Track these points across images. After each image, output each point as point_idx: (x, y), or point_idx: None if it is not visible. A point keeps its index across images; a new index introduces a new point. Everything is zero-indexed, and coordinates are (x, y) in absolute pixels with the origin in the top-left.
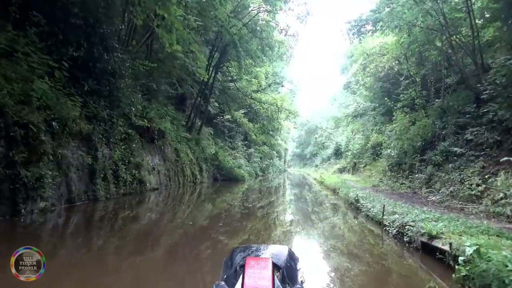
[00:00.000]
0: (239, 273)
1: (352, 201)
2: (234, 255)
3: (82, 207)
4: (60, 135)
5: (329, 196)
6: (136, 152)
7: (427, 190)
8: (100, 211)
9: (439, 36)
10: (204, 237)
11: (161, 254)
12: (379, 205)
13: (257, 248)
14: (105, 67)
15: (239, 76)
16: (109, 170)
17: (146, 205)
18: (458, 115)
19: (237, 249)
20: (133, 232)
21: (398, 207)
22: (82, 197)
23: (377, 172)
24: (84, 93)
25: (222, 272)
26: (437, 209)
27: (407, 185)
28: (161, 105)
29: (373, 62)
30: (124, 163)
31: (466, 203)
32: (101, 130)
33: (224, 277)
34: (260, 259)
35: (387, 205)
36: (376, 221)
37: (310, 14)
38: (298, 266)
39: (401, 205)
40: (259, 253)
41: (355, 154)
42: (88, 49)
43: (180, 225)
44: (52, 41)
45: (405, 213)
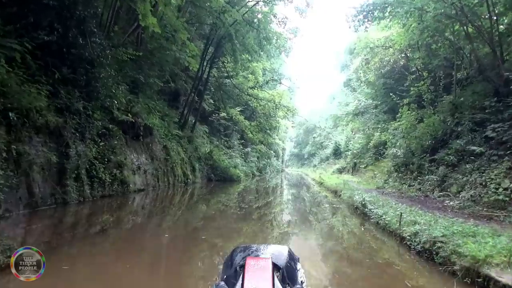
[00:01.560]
0: (239, 273)
1: (357, 206)
2: (234, 255)
3: (47, 212)
4: (20, 128)
5: (330, 198)
6: (117, 149)
7: (442, 193)
8: (67, 217)
9: (451, 26)
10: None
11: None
12: (392, 211)
13: (257, 248)
14: (81, 54)
15: (235, 71)
16: (83, 170)
17: (125, 210)
18: (474, 110)
19: (237, 249)
20: (98, 245)
21: (418, 215)
22: (47, 201)
23: (380, 172)
24: (55, 81)
25: (222, 272)
26: (458, 216)
27: (416, 188)
28: (150, 99)
29: (377, 55)
30: (103, 162)
31: (493, 209)
32: (74, 124)
33: (224, 277)
34: (260, 259)
35: (402, 212)
36: (390, 231)
37: (310, 5)
38: (298, 266)
39: (419, 212)
40: (259, 253)
41: (355, 154)
42: (63, 33)
43: (156, 235)
44: (22, 24)
45: (428, 224)
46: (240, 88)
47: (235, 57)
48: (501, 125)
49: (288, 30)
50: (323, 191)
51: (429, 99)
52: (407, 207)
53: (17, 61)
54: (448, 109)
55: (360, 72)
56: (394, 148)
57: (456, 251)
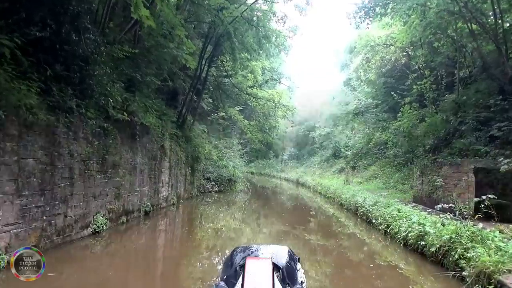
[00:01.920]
0: (239, 273)
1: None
2: (234, 255)
3: None
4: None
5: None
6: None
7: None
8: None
9: (454, 23)
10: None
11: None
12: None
13: (257, 248)
14: (75, 50)
15: (234, 70)
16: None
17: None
18: (478, 109)
19: (237, 249)
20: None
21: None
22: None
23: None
24: (48, 79)
25: (222, 272)
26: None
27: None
28: (147, 98)
29: (378, 54)
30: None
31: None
32: (67, 122)
33: (224, 277)
34: (260, 259)
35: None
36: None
37: (310, 3)
38: (298, 266)
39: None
40: (259, 253)
41: (355, 153)
42: (56, 29)
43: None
44: (14, 20)
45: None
46: (239, 87)
47: (234, 55)
48: (507, 123)
49: (288, 29)
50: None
51: (431, 98)
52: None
53: (6, 57)
54: (451, 108)
55: (360, 71)
56: (395, 147)
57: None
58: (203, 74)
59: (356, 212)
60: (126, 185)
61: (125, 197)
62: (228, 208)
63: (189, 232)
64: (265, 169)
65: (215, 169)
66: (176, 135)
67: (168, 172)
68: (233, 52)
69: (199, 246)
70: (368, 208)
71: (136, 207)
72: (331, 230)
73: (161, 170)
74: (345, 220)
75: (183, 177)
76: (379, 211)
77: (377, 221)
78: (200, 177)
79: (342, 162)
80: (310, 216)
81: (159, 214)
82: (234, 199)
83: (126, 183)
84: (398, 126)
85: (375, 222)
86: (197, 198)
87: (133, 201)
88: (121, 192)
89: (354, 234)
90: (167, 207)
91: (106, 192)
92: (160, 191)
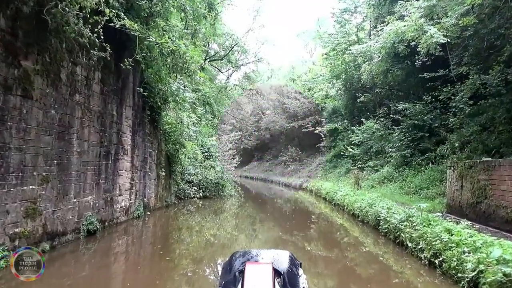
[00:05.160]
0: (238, 279)
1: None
2: (233, 260)
3: None
4: None
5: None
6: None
7: None
8: None
9: None
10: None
11: None
12: None
13: (257, 253)
14: None
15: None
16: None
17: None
18: None
19: (237, 254)
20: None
21: None
22: None
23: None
24: None
25: (220, 278)
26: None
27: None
28: None
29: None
30: None
31: None
32: None
33: (223, 282)
34: (260, 265)
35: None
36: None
37: None
38: (300, 272)
39: None
40: (259, 258)
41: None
42: None
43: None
44: None
45: None
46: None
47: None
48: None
49: None
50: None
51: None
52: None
53: None
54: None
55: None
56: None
57: None
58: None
59: (377, 227)
60: (51, 195)
61: (49, 213)
62: (215, 217)
63: (156, 258)
64: (263, 172)
65: (199, 170)
66: (141, 123)
67: (130, 175)
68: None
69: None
70: (398, 225)
71: (71, 226)
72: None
73: (117, 173)
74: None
75: (153, 180)
76: (417, 231)
77: (414, 245)
78: (179, 180)
79: (348, 162)
80: (317, 230)
81: (113, 233)
82: (223, 206)
83: (50, 192)
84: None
85: (410, 246)
86: (175, 207)
87: (64, 217)
88: (38, 207)
89: (385, 266)
90: (127, 221)
91: (5, 209)
92: (116, 201)
